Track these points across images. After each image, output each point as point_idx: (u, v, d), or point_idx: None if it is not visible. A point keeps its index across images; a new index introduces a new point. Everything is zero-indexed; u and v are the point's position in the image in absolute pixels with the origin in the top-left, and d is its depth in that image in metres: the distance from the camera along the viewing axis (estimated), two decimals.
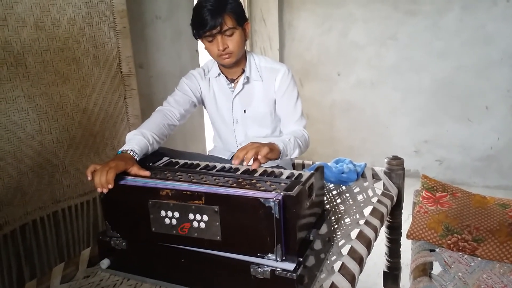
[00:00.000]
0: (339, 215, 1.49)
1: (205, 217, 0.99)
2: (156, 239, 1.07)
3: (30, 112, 1.50)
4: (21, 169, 1.49)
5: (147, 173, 1.14)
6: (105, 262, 1.14)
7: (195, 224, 1.01)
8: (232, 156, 1.66)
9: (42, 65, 1.52)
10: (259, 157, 1.16)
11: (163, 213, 1.03)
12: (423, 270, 1.35)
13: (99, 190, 1.08)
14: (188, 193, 1.00)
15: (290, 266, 0.95)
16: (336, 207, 1.56)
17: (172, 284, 1.09)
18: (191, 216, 1.01)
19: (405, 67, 3.27)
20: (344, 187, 1.73)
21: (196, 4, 1.36)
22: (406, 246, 1.72)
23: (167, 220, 1.04)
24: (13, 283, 1.49)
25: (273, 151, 1.22)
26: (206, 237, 1.01)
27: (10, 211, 1.47)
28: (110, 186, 1.06)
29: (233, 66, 1.48)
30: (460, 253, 1.41)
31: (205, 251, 1.02)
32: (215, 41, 1.36)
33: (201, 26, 1.33)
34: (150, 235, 1.07)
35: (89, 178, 1.11)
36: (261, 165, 1.19)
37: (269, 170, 1.17)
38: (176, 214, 1.02)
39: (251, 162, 1.16)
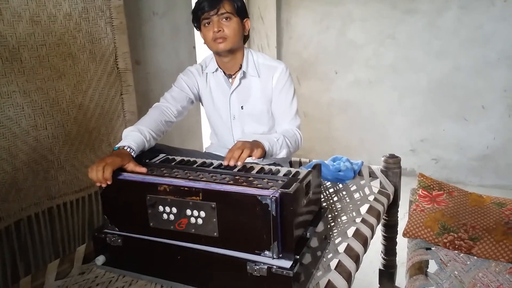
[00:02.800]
0: (336, 213, 1.48)
1: (202, 213, 0.99)
2: (154, 234, 1.07)
3: (25, 107, 1.49)
4: (16, 164, 1.48)
5: (144, 169, 1.13)
6: (100, 259, 1.13)
7: (193, 220, 1.01)
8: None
9: (37, 60, 1.51)
10: (252, 158, 1.18)
11: (161, 208, 1.04)
12: (419, 268, 1.35)
13: (98, 184, 1.08)
14: (186, 189, 1.00)
15: (287, 263, 0.95)
16: (332, 205, 1.56)
17: (168, 281, 1.08)
18: (188, 212, 1.01)
19: (402, 66, 3.27)
20: (341, 185, 1.73)
21: None
22: (402, 244, 1.72)
23: (165, 216, 1.04)
24: (8, 279, 1.48)
25: (258, 150, 1.22)
26: (203, 233, 1.01)
27: (5, 207, 1.45)
28: (109, 182, 1.07)
29: (230, 60, 1.47)
30: (456, 252, 1.41)
31: (201, 248, 1.02)
32: (211, 24, 1.37)
33: (200, 9, 1.36)
34: (148, 230, 1.07)
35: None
36: (258, 163, 1.19)
37: (266, 167, 1.17)
38: (174, 210, 1.02)
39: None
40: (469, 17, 2.98)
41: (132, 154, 1.18)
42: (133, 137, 1.23)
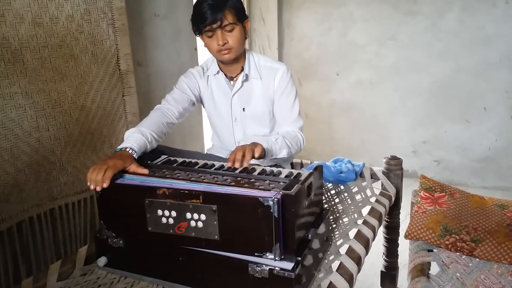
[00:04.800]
0: (338, 215, 1.48)
1: (203, 216, 0.98)
2: (152, 239, 1.06)
3: (27, 108, 1.49)
4: (18, 166, 1.48)
5: (146, 171, 1.13)
6: (102, 260, 1.13)
7: (193, 223, 1.00)
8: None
9: (39, 62, 1.51)
10: (255, 156, 1.18)
11: (159, 212, 1.02)
12: (421, 270, 1.35)
13: (91, 187, 1.06)
14: (186, 192, 0.99)
15: (288, 265, 0.94)
16: (334, 207, 1.56)
17: (170, 283, 1.08)
18: (188, 215, 1.00)
19: (404, 67, 3.27)
20: (342, 187, 1.73)
21: (197, 0, 1.36)
22: (404, 246, 1.72)
23: (163, 220, 1.03)
24: (10, 280, 1.48)
25: (258, 149, 1.22)
26: (204, 237, 1.00)
27: (7, 208, 1.46)
28: (105, 185, 1.05)
29: (233, 64, 1.48)
30: (458, 254, 1.41)
31: (203, 250, 1.02)
32: (214, 36, 1.36)
33: (201, 21, 1.33)
34: (147, 234, 1.06)
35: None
36: (260, 164, 1.19)
37: (268, 169, 1.17)
38: (173, 213, 1.01)
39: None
40: (470, 19, 2.98)
41: (134, 155, 1.18)
42: (135, 139, 1.23)
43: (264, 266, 0.95)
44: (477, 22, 2.96)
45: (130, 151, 1.18)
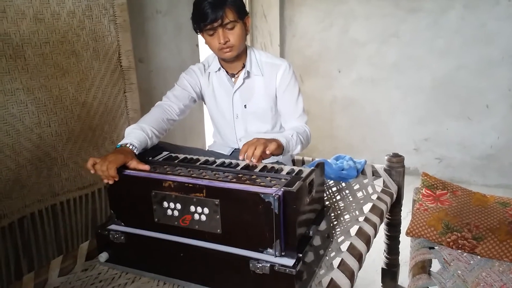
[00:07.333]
0: (339, 212, 1.48)
1: (206, 210, 1.00)
2: (158, 230, 1.09)
3: (29, 104, 1.49)
4: (19, 162, 1.48)
5: (146, 167, 1.14)
6: (103, 256, 1.14)
7: (196, 216, 1.02)
8: (233, 151, 1.66)
9: (41, 58, 1.51)
10: (267, 152, 1.16)
11: (165, 204, 1.05)
12: (422, 268, 1.35)
13: (105, 181, 1.10)
14: (190, 185, 1.01)
15: (289, 261, 0.95)
16: (335, 204, 1.56)
17: (171, 278, 1.08)
18: (192, 208, 1.02)
19: (406, 64, 3.26)
20: (344, 184, 1.73)
21: None
22: (405, 243, 1.72)
23: (169, 212, 1.05)
24: (11, 276, 1.49)
25: (278, 147, 1.21)
26: (207, 230, 1.02)
27: (8, 204, 1.46)
28: (116, 179, 1.09)
29: (234, 61, 1.47)
30: (460, 251, 1.41)
31: (204, 246, 1.02)
32: (216, 35, 1.35)
33: (202, 19, 1.32)
34: (153, 225, 1.09)
35: (92, 171, 1.11)
36: (262, 161, 1.19)
37: (269, 165, 1.17)
38: (178, 206, 1.04)
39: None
40: (472, 16, 2.96)
41: (135, 151, 1.19)
42: (135, 135, 1.23)
43: (265, 262, 0.95)
44: (479, 20, 2.95)
45: (131, 147, 1.19)
